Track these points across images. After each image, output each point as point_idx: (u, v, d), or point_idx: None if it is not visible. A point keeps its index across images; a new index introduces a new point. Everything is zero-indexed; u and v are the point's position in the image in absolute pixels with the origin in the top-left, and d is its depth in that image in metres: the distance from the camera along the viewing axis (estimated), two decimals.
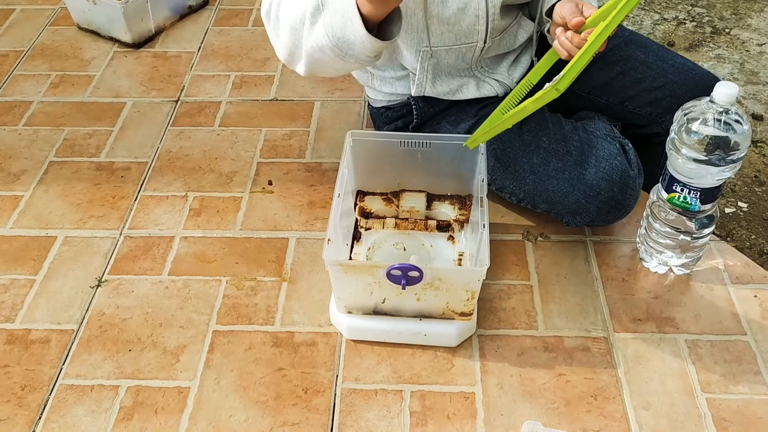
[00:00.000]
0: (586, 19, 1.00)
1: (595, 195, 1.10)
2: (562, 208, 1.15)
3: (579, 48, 0.97)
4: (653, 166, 1.19)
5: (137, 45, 1.72)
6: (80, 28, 1.78)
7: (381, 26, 0.94)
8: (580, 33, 1.00)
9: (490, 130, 1.07)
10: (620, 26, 1.30)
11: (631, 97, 1.23)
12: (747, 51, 2.10)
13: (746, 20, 2.22)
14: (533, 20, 1.17)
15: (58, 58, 1.70)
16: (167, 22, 1.79)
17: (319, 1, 0.93)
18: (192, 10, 1.84)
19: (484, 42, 1.11)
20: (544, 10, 1.11)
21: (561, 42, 1.02)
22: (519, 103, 1.06)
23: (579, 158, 1.11)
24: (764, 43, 2.13)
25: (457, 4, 1.07)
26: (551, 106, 1.13)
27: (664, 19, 2.25)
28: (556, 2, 1.07)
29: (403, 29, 1.05)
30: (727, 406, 1.00)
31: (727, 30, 2.19)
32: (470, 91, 1.17)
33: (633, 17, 2.25)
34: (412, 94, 1.19)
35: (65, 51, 1.72)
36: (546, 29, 1.14)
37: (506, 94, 1.18)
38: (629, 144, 1.15)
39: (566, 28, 1.02)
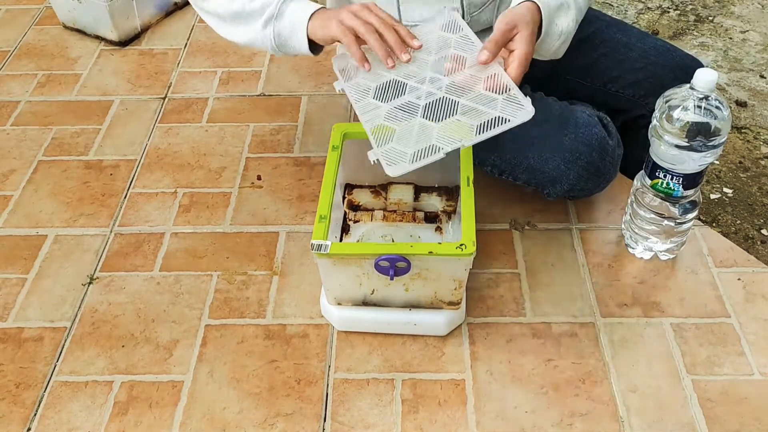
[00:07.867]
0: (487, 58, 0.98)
1: (574, 160, 1.12)
2: (542, 176, 1.15)
3: None
4: (640, 151, 1.20)
5: (123, 43, 1.72)
6: (66, 27, 1.78)
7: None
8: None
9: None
10: (600, 14, 1.32)
11: (614, 78, 1.24)
12: (730, 38, 2.12)
13: (729, 8, 2.24)
14: None
15: (44, 57, 1.70)
16: (153, 19, 1.79)
17: (275, 12, 1.06)
18: (177, 7, 1.84)
19: (462, 18, 1.12)
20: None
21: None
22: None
23: (558, 124, 1.13)
24: (747, 30, 2.15)
25: None
26: (536, 89, 1.14)
27: (648, 8, 2.26)
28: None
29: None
30: (713, 388, 1.01)
31: (710, 18, 2.21)
32: None
33: (617, 7, 2.27)
34: None
35: (51, 50, 1.72)
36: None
37: None
38: (608, 118, 1.17)
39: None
